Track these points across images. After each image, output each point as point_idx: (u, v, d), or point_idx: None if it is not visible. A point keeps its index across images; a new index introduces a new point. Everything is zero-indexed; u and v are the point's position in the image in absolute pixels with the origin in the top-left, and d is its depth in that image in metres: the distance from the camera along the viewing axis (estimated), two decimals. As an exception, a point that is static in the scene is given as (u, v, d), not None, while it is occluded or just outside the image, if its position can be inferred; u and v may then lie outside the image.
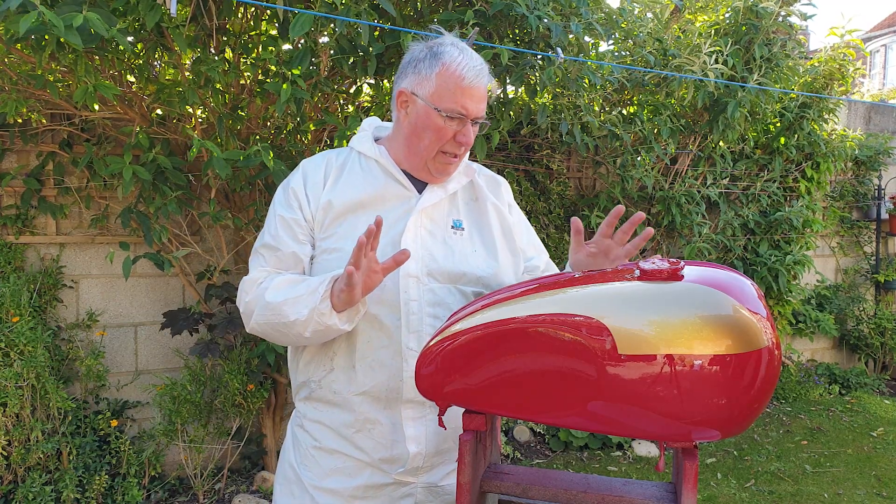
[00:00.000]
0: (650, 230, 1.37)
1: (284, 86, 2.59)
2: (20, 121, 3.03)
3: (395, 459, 1.37)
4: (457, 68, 1.34)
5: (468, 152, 1.45)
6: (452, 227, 1.46)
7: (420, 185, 1.46)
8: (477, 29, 2.44)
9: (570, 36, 2.73)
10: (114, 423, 3.17)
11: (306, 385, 1.44)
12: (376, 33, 2.70)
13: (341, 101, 3.38)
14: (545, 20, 2.66)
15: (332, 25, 2.59)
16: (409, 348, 1.35)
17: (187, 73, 2.83)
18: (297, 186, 1.44)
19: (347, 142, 1.64)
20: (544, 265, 1.61)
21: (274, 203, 1.47)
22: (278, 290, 1.34)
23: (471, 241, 1.47)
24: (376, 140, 1.52)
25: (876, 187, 5.56)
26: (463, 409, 1.14)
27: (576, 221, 1.43)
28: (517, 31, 2.85)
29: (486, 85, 1.38)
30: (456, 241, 1.45)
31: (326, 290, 1.28)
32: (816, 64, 4.69)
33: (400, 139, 1.45)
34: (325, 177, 1.45)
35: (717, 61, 3.78)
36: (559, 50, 2.77)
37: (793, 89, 4.43)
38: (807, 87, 4.72)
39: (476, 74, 1.35)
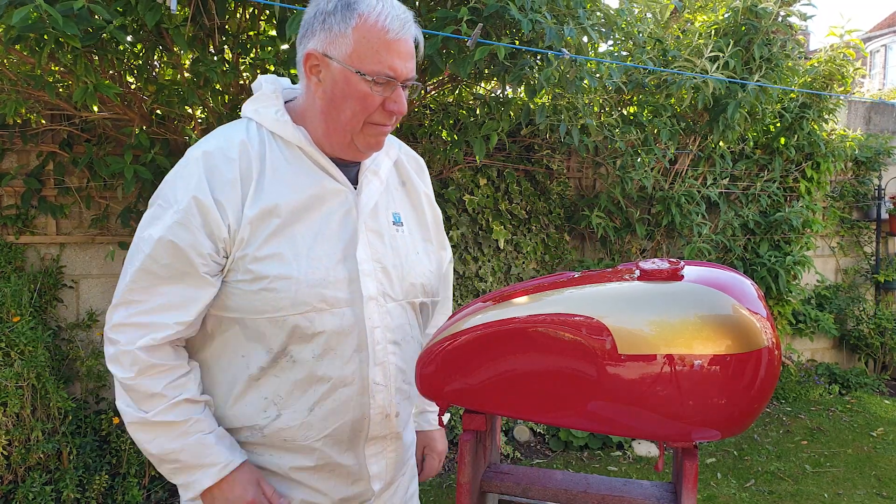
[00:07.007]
0: None
1: None
2: (19, 121, 3.03)
3: (356, 497, 1.26)
4: (378, 19, 1.09)
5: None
6: (393, 222, 1.26)
7: (347, 172, 1.21)
8: (481, 25, 2.41)
9: (566, 38, 2.72)
10: (115, 420, 3.17)
11: (243, 430, 1.20)
12: None
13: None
14: (539, 23, 2.65)
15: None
16: (375, 383, 1.19)
17: (186, 74, 2.83)
18: (199, 193, 1.09)
19: None
20: (447, 264, 1.48)
21: (155, 218, 1.12)
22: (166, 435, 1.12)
23: (412, 239, 1.29)
24: (286, 103, 1.22)
25: (876, 187, 5.55)
26: (454, 412, 1.14)
27: None
28: (513, 30, 2.85)
29: (412, 38, 1.14)
30: (399, 243, 1.25)
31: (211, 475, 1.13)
32: (816, 64, 4.69)
33: (315, 113, 1.17)
34: (242, 174, 1.12)
35: (717, 67, 3.77)
36: (563, 49, 2.76)
37: (793, 89, 4.42)
38: (806, 88, 4.72)
39: (402, 25, 1.11)
